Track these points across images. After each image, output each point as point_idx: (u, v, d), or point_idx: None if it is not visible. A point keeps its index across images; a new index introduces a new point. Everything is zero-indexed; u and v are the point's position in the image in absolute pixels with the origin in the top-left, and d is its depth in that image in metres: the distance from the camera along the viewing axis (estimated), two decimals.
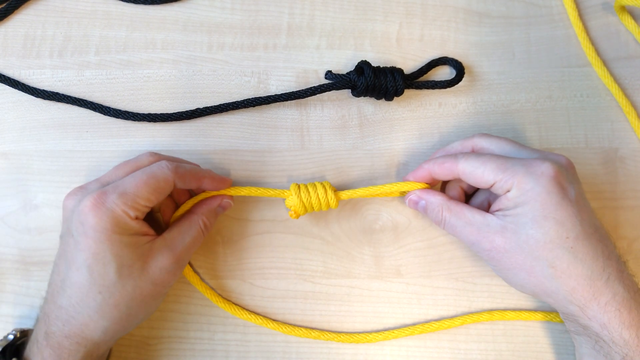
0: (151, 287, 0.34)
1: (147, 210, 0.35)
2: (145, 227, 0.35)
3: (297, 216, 0.39)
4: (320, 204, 0.39)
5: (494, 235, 0.35)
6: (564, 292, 0.34)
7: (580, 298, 0.34)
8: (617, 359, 0.34)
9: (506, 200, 0.35)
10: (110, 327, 0.34)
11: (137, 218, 0.34)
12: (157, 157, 0.37)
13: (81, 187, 0.36)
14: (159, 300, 0.36)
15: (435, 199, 0.38)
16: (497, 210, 0.36)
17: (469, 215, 0.36)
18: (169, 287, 0.36)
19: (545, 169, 0.34)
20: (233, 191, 0.39)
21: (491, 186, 0.36)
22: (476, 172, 0.36)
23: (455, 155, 0.37)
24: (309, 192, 0.39)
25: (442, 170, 0.38)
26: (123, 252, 0.33)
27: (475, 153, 0.37)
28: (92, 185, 0.35)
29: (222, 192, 0.39)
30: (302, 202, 0.38)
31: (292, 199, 0.39)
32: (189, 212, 0.39)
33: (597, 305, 0.33)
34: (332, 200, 0.39)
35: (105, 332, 0.34)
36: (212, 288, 0.41)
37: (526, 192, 0.34)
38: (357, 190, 0.40)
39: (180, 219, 0.38)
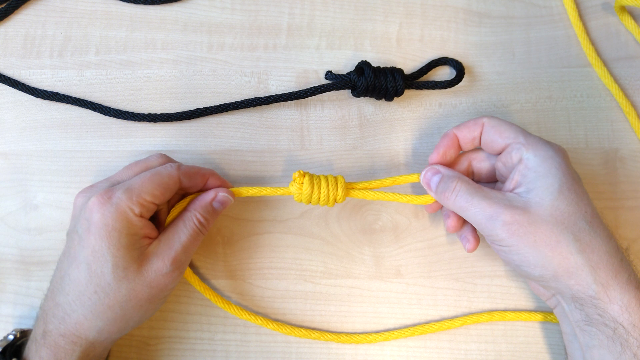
0: (147, 290, 0.34)
1: (152, 207, 0.35)
2: (147, 229, 0.35)
3: (302, 193, 0.38)
4: (328, 183, 0.38)
5: (515, 209, 0.34)
6: (588, 268, 0.33)
7: (604, 275, 0.33)
8: (634, 345, 0.33)
9: (526, 170, 0.35)
10: (105, 327, 0.34)
11: (141, 216, 0.34)
12: (167, 159, 0.38)
13: (91, 186, 0.36)
14: (158, 303, 0.36)
15: (453, 173, 0.38)
16: (515, 188, 0.35)
17: (487, 190, 0.36)
18: (168, 291, 0.35)
19: (559, 147, 0.36)
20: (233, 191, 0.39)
21: (506, 147, 0.36)
22: (500, 127, 0.37)
23: (479, 117, 0.39)
24: (318, 177, 0.38)
25: (467, 127, 0.38)
26: (119, 253, 0.33)
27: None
28: (102, 184, 0.36)
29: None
30: (311, 178, 0.38)
31: (296, 183, 0.38)
32: (182, 211, 0.38)
33: (619, 284, 0.33)
34: (340, 181, 0.38)
35: (100, 332, 0.34)
36: (212, 288, 0.41)
37: (546, 160, 0.34)
38: (371, 182, 0.40)
39: (174, 219, 0.38)
